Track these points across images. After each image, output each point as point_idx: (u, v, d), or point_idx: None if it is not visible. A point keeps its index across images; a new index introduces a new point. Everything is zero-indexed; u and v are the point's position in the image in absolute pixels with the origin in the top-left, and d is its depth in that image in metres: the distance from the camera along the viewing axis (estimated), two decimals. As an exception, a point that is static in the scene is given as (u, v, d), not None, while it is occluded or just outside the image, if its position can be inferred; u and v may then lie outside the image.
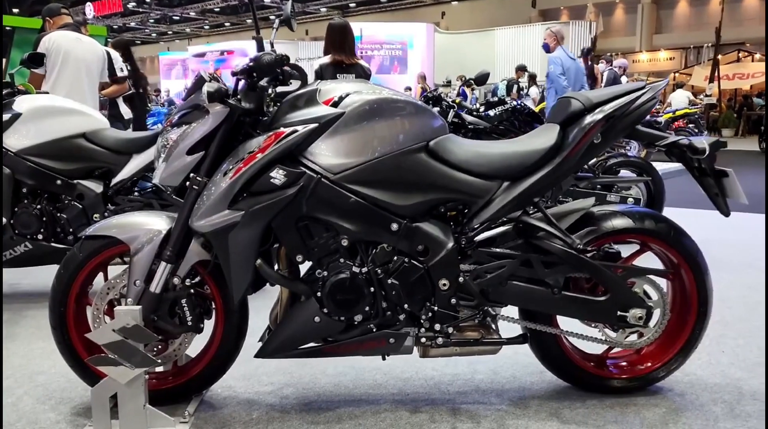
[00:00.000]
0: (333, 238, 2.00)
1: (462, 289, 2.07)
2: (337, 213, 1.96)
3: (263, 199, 1.92)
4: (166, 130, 2.06)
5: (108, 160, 3.43)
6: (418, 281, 2.04)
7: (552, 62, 6.74)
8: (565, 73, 6.67)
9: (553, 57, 6.79)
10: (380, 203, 1.98)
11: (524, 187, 2.04)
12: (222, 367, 2.22)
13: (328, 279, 2.00)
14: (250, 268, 1.98)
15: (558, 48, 6.88)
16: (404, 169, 1.99)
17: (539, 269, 2.08)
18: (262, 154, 1.91)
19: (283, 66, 1.94)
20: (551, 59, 6.82)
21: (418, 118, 2.03)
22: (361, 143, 1.95)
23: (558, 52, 6.85)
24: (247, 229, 1.93)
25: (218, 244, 1.96)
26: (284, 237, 1.98)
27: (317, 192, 1.93)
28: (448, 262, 2.04)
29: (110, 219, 2.15)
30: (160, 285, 2.05)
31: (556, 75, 6.57)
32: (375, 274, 2.02)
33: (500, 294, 2.09)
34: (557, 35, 6.93)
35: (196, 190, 2.00)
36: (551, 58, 6.84)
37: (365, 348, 2.09)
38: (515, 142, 2.14)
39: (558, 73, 6.59)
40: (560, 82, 6.60)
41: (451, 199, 2.05)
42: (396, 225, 1.99)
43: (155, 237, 2.05)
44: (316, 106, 1.97)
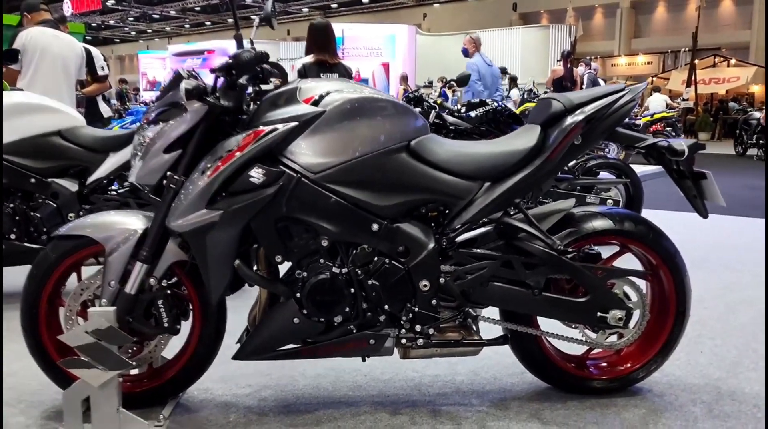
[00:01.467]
0: (313, 238, 1.97)
1: (443, 290, 2.05)
2: (317, 213, 1.93)
3: (242, 198, 1.89)
4: (142, 127, 2.02)
5: (84, 158, 3.36)
6: (398, 282, 2.02)
7: (469, 68, 7.05)
8: (482, 79, 7.11)
9: (471, 63, 7.22)
10: (361, 203, 1.96)
11: (505, 188, 2.04)
12: (199, 369, 2.18)
13: (307, 280, 1.98)
14: (228, 268, 1.95)
15: (476, 54, 7.34)
16: (385, 169, 1.97)
17: (520, 270, 2.07)
18: (240, 152, 1.88)
19: (262, 63, 1.92)
20: (469, 65, 7.17)
21: (400, 117, 2.01)
22: (341, 142, 1.93)
23: (475, 59, 7.30)
24: (225, 229, 1.90)
25: (196, 245, 1.93)
26: (263, 237, 1.95)
27: (297, 192, 1.91)
28: (428, 263, 2.02)
29: (84, 218, 2.11)
30: (135, 286, 2.00)
31: (473, 81, 6.88)
32: (355, 275, 2.00)
33: (481, 295, 2.08)
34: (476, 42, 7.43)
35: (173, 190, 1.96)
36: (468, 64, 7.20)
37: (345, 349, 2.07)
38: (496, 143, 2.13)
39: (474, 78, 6.91)
40: (476, 87, 6.99)
41: (432, 199, 2.04)
42: (376, 225, 1.97)
43: (131, 237, 2.01)
44: (296, 104, 1.94)
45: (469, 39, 7.50)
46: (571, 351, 2.33)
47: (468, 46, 7.46)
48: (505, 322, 2.16)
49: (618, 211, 2.25)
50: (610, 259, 2.24)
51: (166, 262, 2.02)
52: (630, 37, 27.66)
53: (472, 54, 7.41)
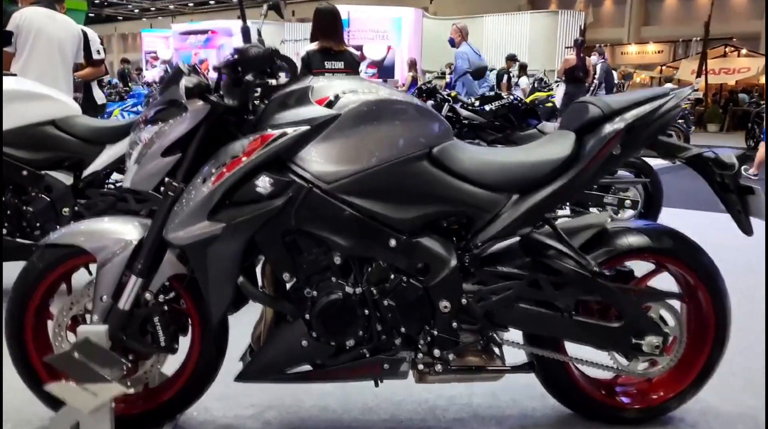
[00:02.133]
0: (324, 254, 1.80)
1: (464, 311, 1.88)
2: (329, 227, 1.76)
3: (247, 210, 1.71)
4: (138, 127, 1.84)
5: (79, 149, 3.18)
6: (416, 302, 1.85)
7: (459, 57, 7.01)
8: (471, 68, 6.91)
9: (460, 52, 7.11)
10: (377, 216, 1.78)
11: (536, 201, 1.86)
12: (198, 389, 2.02)
13: (318, 300, 1.81)
14: (231, 286, 1.77)
15: (463, 43, 7.20)
16: (404, 179, 1.79)
17: (548, 291, 1.90)
18: (246, 158, 1.70)
19: (272, 61, 1.73)
20: (458, 54, 7.07)
21: (421, 121, 1.83)
22: (357, 149, 1.75)
23: (464, 48, 7.17)
24: (229, 243, 1.73)
25: (196, 259, 1.75)
26: (269, 252, 1.78)
27: (307, 203, 1.73)
28: (450, 282, 1.85)
29: (74, 225, 1.93)
30: (129, 301, 1.84)
31: (463, 69, 6.78)
32: (370, 295, 1.83)
33: (505, 317, 1.91)
34: (462, 31, 7.30)
35: (171, 197, 1.79)
36: (458, 53, 7.10)
37: (357, 374, 1.91)
38: (526, 151, 1.95)
39: (465, 68, 6.80)
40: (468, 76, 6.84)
41: (455, 212, 1.86)
42: (394, 240, 1.80)
43: (125, 248, 1.84)
44: (308, 105, 1.76)
45: (455, 28, 7.36)
46: (599, 376, 2.16)
47: (454, 35, 7.33)
48: (529, 346, 1.99)
49: (653, 226, 2.07)
50: (645, 278, 2.06)
51: (163, 275, 1.85)
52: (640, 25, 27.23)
53: (459, 44, 7.28)
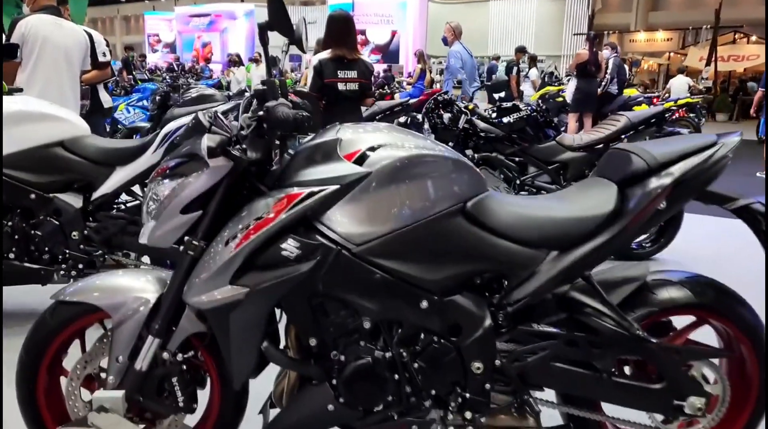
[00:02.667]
0: (351, 317, 1.71)
1: (497, 372, 1.79)
2: (358, 291, 1.66)
3: (272, 274, 1.62)
4: (156, 181, 1.74)
5: (88, 171, 3.09)
6: (448, 364, 1.76)
7: (452, 56, 7.07)
8: (463, 67, 7.05)
9: (453, 51, 7.18)
10: (408, 278, 1.69)
11: (575, 258, 1.75)
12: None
13: (345, 365, 1.72)
14: (255, 351, 1.69)
15: (456, 42, 7.27)
16: (438, 238, 1.69)
17: (587, 351, 1.81)
18: (272, 222, 1.60)
19: (300, 129, 1.62)
20: (451, 53, 7.17)
21: (455, 175, 1.72)
22: (388, 209, 1.65)
23: (457, 47, 7.25)
24: (253, 308, 1.63)
25: (217, 324, 1.67)
26: (295, 316, 1.69)
27: (336, 267, 1.63)
28: (483, 343, 1.76)
29: (88, 281, 1.84)
30: (146, 362, 1.75)
31: (457, 68, 6.86)
32: (399, 358, 1.74)
33: (541, 377, 1.82)
34: (455, 30, 7.35)
35: (191, 256, 1.69)
36: (451, 52, 7.21)
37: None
38: (565, 202, 1.84)
39: (458, 66, 6.90)
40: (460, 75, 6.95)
41: (490, 269, 1.77)
42: (426, 302, 1.70)
43: (142, 307, 1.75)
44: (336, 161, 1.66)
45: (449, 27, 7.44)
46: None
47: (448, 34, 7.39)
48: (564, 406, 1.90)
49: (694, 277, 1.96)
50: (685, 331, 1.96)
51: (182, 334, 1.77)
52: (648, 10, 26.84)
53: (452, 42, 7.32)
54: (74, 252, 3.06)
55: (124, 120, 8.18)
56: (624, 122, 4.17)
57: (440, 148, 1.77)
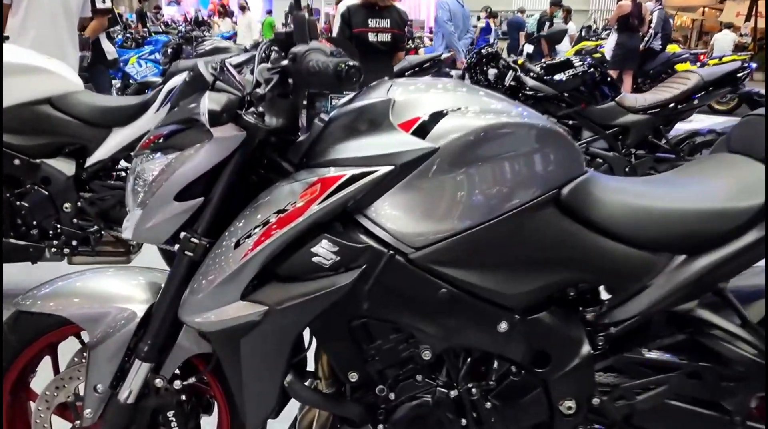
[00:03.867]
0: (405, 342, 1.27)
1: (595, 412, 1.36)
2: (416, 310, 1.22)
3: (300, 289, 1.18)
4: (142, 156, 1.29)
5: (81, 133, 2.65)
6: (530, 403, 1.33)
7: (439, 7, 6.52)
8: (452, 19, 6.46)
9: (441, 2, 6.64)
10: (483, 292, 1.24)
11: (709, 264, 1.29)
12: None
13: (397, 406, 1.29)
14: (275, 388, 1.26)
15: None
16: (523, 237, 1.24)
17: (714, 387, 1.36)
18: (297, 218, 1.15)
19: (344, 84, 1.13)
20: (438, 4, 6.63)
21: (548, 151, 1.25)
22: (460, 199, 1.19)
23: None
24: (273, 334, 1.20)
25: (224, 352, 1.24)
26: (329, 345, 1.26)
27: (387, 278, 1.19)
28: (578, 375, 1.32)
29: (56, 284, 1.40)
30: (134, 393, 1.34)
31: (444, 21, 6.31)
32: (468, 396, 1.31)
33: (651, 420, 1.38)
34: None
35: (188, 258, 1.25)
36: (438, 3, 6.66)
37: (443, 487, 1.40)
38: (693, 189, 1.37)
39: (445, 18, 6.34)
40: (447, 27, 6.35)
41: (590, 279, 1.31)
42: (505, 323, 1.26)
43: (127, 322, 1.32)
44: (389, 132, 1.19)
45: None
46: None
47: None
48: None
49: None
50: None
51: (179, 357, 1.35)
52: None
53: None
54: (66, 226, 2.66)
55: (135, 74, 7.74)
56: (695, 81, 3.64)
57: (525, 113, 1.30)
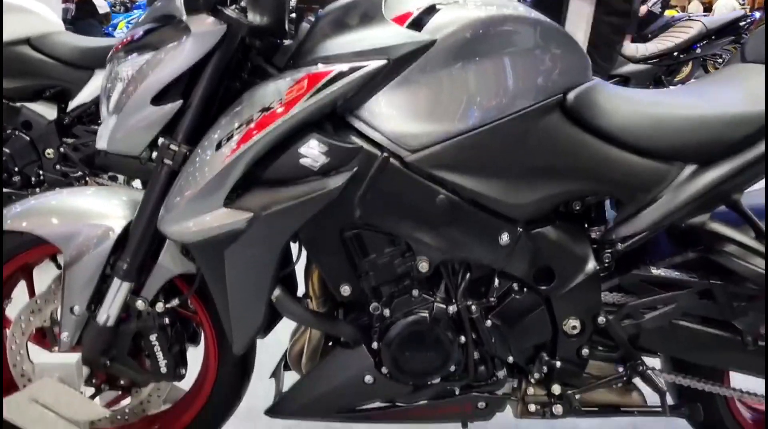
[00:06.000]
0: (401, 255, 1.19)
1: (600, 332, 1.29)
2: (412, 218, 1.15)
3: (287, 193, 1.10)
4: (116, 58, 1.20)
5: (62, 76, 2.56)
6: (533, 322, 1.26)
7: None
8: None
9: None
10: (484, 200, 1.17)
11: (723, 174, 1.21)
12: (214, 423, 1.47)
13: (392, 323, 1.21)
14: (262, 303, 1.19)
15: None
16: (526, 142, 1.16)
17: (725, 306, 1.29)
18: (284, 115, 1.07)
19: None
20: None
21: (552, 51, 1.17)
22: (459, 98, 1.12)
23: None
24: (259, 243, 1.12)
25: (207, 265, 1.16)
26: (320, 256, 1.18)
27: (382, 183, 1.11)
28: (583, 293, 1.25)
29: (31, 201, 1.33)
30: (113, 315, 1.26)
31: None
32: (467, 313, 1.24)
33: (659, 340, 1.31)
34: None
35: (168, 167, 1.17)
36: None
37: (439, 415, 1.34)
38: (705, 98, 1.29)
39: None
40: None
41: (598, 191, 1.24)
42: (507, 235, 1.19)
43: (103, 239, 1.25)
44: (382, 25, 1.11)
45: None
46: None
47: None
48: (677, 375, 1.39)
49: None
50: None
51: (160, 277, 1.27)
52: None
53: None
54: (49, 173, 2.58)
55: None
56: (698, 29, 3.54)
57: (528, 10, 1.21)
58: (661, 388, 1.30)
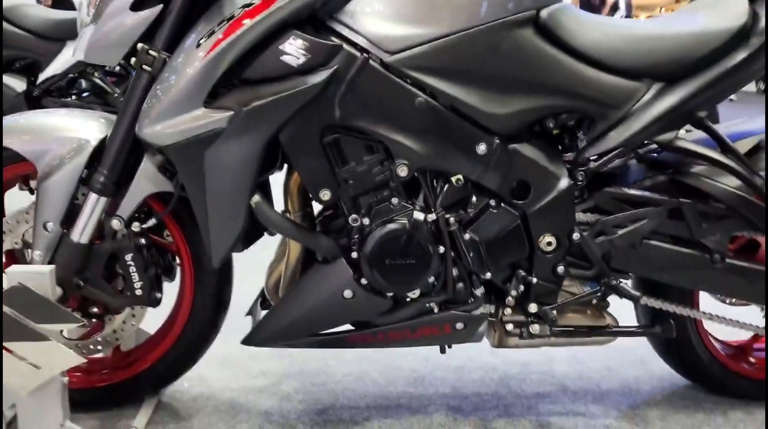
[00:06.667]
0: (380, 163, 1.21)
1: (574, 251, 1.32)
2: (392, 121, 1.16)
3: (267, 91, 1.11)
4: (95, -34, 1.21)
5: (32, 47, 2.56)
6: (509, 237, 1.28)
7: None
8: None
9: None
10: (462, 106, 1.19)
11: (689, 92, 1.26)
12: (190, 354, 1.45)
13: (371, 231, 1.22)
14: (241, 210, 1.19)
15: None
16: (502, 53, 1.20)
17: (694, 224, 1.33)
18: (264, 10, 1.08)
19: None
20: None
21: None
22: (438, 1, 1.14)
23: None
24: (239, 143, 1.13)
25: (187, 169, 1.16)
26: (300, 159, 1.19)
27: (361, 83, 1.13)
28: (558, 209, 1.28)
29: (6, 119, 1.31)
30: (88, 231, 1.25)
31: None
32: (445, 225, 1.25)
33: (629, 260, 1.34)
34: None
35: (148, 73, 1.17)
36: None
37: (417, 336, 1.34)
38: (673, 21, 1.35)
39: None
40: None
41: (570, 107, 1.27)
42: (484, 145, 1.21)
43: (79, 152, 1.24)
44: None
45: None
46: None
47: None
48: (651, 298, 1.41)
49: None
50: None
51: (137, 194, 1.26)
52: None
53: None
54: (17, 145, 2.52)
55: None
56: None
57: None
58: (634, 295, 1.33)
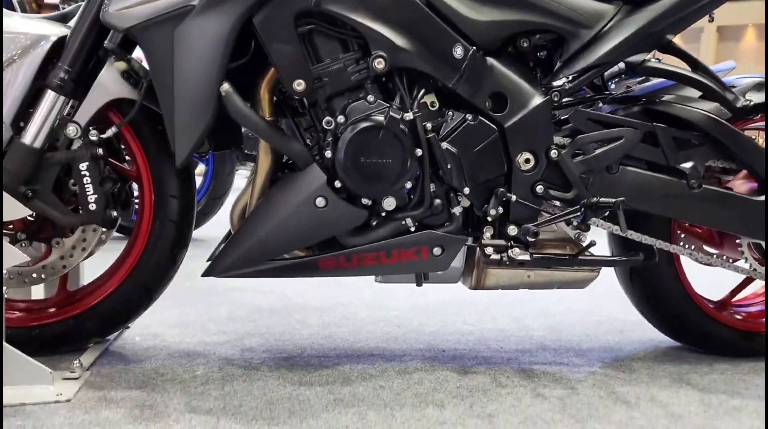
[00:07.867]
0: (357, 62, 1.18)
1: (552, 170, 1.29)
2: (370, 9, 1.15)
3: (241, -34, 1.09)
4: None
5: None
6: (487, 151, 1.25)
7: None
8: None
9: None
10: (441, 7, 1.19)
11: (657, 13, 1.30)
12: (146, 291, 1.32)
13: (346, 127, 1.17)
14: (210, 95, 1.13)
15: None
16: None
17: (669, 150, 1.32)
18: None
19: None
20: None
21: None
22: None
23: None
24: (209, 21, 1.10)
25: (155, 52, 1.12)
26: (274, 44, 1.15)
27: (338, -32, 1.12)
28: (535, 124, 1.26)
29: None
30: (43, 134, 1.17)
31: None
32: (423, 131, 1.21)
33: (606, 186, 1.31)
34: None
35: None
36: None
37: (393, 261, 1.26)
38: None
39: None
40: None
41: (542, 27, 1.29)
42: (461, 49, 1.20)
43: (35, 46, 1.17)
44: None
45: None
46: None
47: None
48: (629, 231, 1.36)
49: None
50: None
51: (98, 99, 1.19)
52: (712, 63, 26.17)
53: None
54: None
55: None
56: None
57: None
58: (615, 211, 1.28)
